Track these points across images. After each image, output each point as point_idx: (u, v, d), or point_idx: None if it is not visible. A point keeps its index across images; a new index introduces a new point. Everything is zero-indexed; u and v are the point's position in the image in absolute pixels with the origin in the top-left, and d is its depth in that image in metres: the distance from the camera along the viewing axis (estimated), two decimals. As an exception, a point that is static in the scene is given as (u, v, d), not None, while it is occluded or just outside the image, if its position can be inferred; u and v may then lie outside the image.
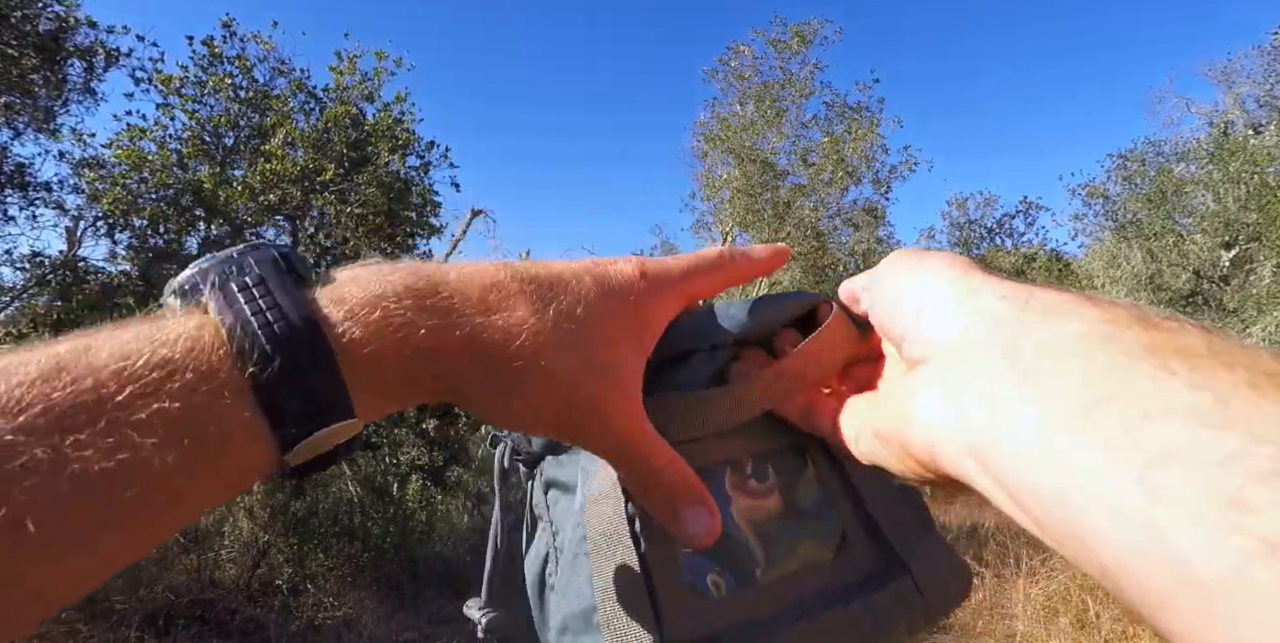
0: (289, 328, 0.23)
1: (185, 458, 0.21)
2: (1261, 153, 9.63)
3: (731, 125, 11.05)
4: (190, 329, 0.23)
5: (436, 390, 0.28)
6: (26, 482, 0.18)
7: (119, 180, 5.47)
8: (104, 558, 0.21)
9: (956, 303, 0.27)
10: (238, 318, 0.23)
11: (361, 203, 6.10)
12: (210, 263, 0.26)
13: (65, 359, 0.21)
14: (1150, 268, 11.20)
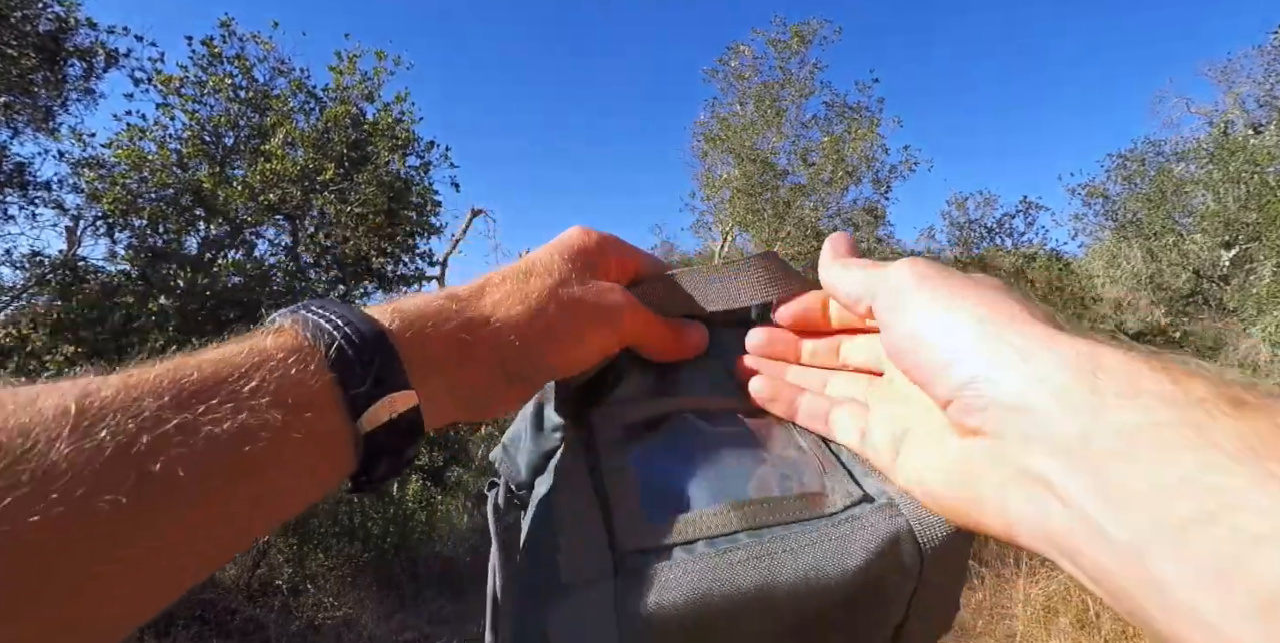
0: (352, 322, 0.30)
1: (285, 416, 0.26)
2: (1261, 153, 9.63)
3: (732, 125, 11.05)
4: (275, 335, 0.29)
5: (477, 359, 0.34)
6: (176, 439, 0.24)
7: (119, 180, 5.47)
8: (238, 512, 0.26)
9: (1007, 369, 0.24)
10: (313, 320, 0.30)
11: (361, 203, 6.10)
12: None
13: (181, 361, 0.27)
14: (1150, 268, 11.20)
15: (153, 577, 0.24)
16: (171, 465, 0.23)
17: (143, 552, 0.23)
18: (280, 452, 0.26)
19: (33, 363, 4.48)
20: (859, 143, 10.50)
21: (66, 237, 5.88)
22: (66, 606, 0.21)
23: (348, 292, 6.52)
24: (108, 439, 0.22)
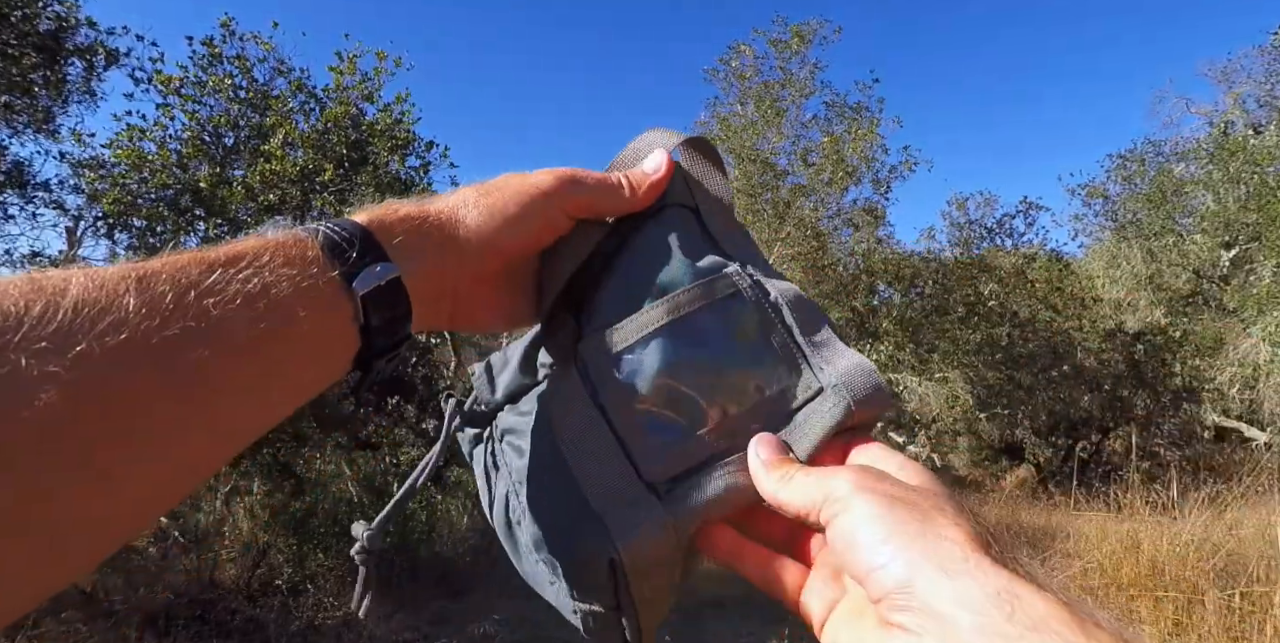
0: (330, 220, 0.36)
1: (295, 274, 0.32)
2: (1261, 153, 9.63)
3: (732, 125, 11.05)
4: (272, 231, 0.35)
5: (430, 237, 0.39)
6: (217, 288, 0.29)
7: (119, 180, 5.47)
8: (273, 368, 0.31)
9: (934, 583, 0.28)
10: (300, 226, 0.36)
11: (362, 203, 6.10)
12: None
13: (203, 249, 0.32)
14: (1150, 268, 11.19)
15: (207, 424, 0.29)
16: (220, 307, 0.29)
17: (203, 393, 0.28)
18: (295, 304, 0.31)
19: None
20: (859, 143, 10.49)
21: (66, 237, 5.89)
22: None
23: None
24: (168, 291, 0.28)
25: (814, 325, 0.42)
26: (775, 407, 0.40)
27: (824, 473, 0.35)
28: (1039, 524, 5.90)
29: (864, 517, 0.31)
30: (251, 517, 5.89)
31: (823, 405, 0.40)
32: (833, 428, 0.39)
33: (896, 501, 0.31)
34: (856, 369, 0.40)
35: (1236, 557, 3.43)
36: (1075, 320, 10.98)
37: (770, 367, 0.41)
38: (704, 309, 0.42)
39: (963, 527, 0.30)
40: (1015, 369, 10.37)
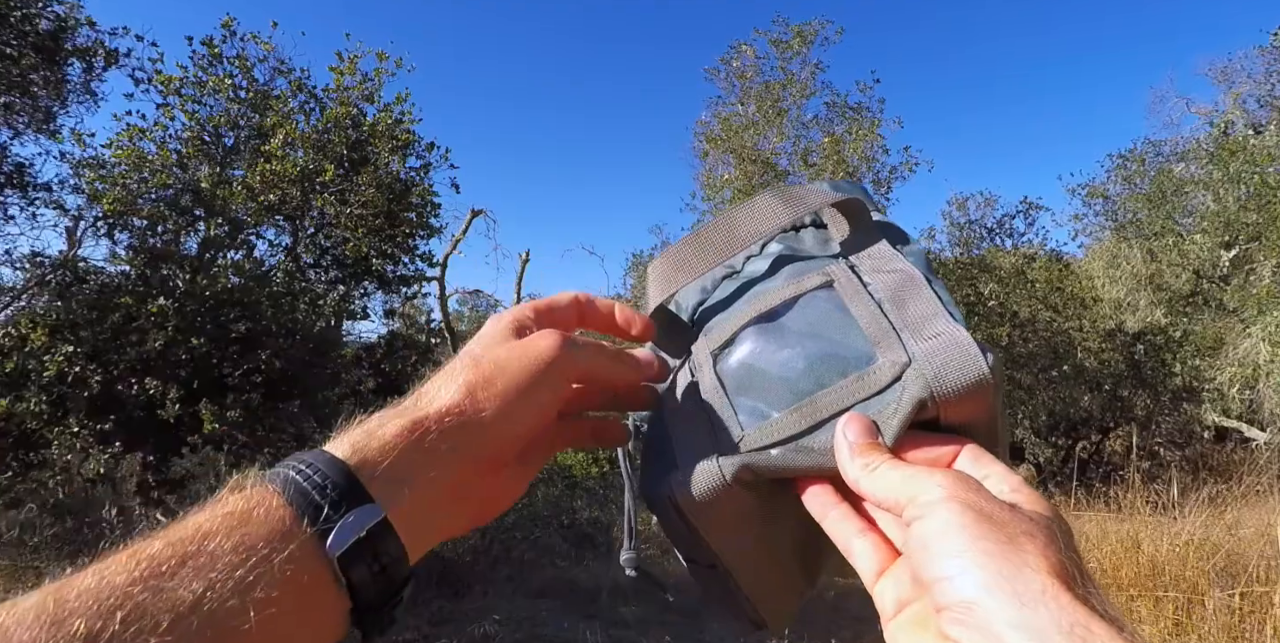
0: (301, 459, 0.32)
1: (246, 557, 0.28)
2: (1261, 153, 9.62)
3: (733, 125, 11.05)
4: (231, 491, 0.31)
5: (428, 451, 0.35)
6: (151, 609, 0.26)
7: (119, 180, 5.47)
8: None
9: (1001, 607, 0.27)
10: (271, 472, 0.32)
11: (361, 204, 6.10)
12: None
13: (148, 538, 0.29)
14: (1150, 268, 11.19)
15: None
16: (145, 638, 0.25)
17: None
18: (265, 588, 0.28)
19: (32, 363, 4.48)
20: (859, 143, 10.49)
21: (66, 237, 5.88)
22: None
23: (347, 292, 6.52)
24: (80, 628, 0.24)
25: (914, 302, 0.39)
26: (859, 389, 0.38)
27: (916, 472, 0.33)
28: (1039, 524, 5.89)
29: (945, 525, 0.30)
30: (251, 517, 5.89)
31: (905, 384, 0.37)
32: (910, 413, 0.35)
33: (984, 517, 0.29)
34: (945, 344, 0.36)
35: (1236, 557, 3.43)
36: (1075, 320, 10.98)
37: (855, 349, 0.39)
38: (790, 302, 0.42)
39: (1050, 558, 0.28)
40: (1015, 369, 10.37)
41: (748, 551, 0.42)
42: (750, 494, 0.40)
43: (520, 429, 0.37)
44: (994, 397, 0.35)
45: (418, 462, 0.34)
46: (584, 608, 4.49)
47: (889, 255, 0.43)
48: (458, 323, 15.51)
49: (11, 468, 4.58)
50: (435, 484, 0.34)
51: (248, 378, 5.01)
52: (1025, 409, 10.73)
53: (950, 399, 0.35)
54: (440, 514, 0.35)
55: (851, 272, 0.42)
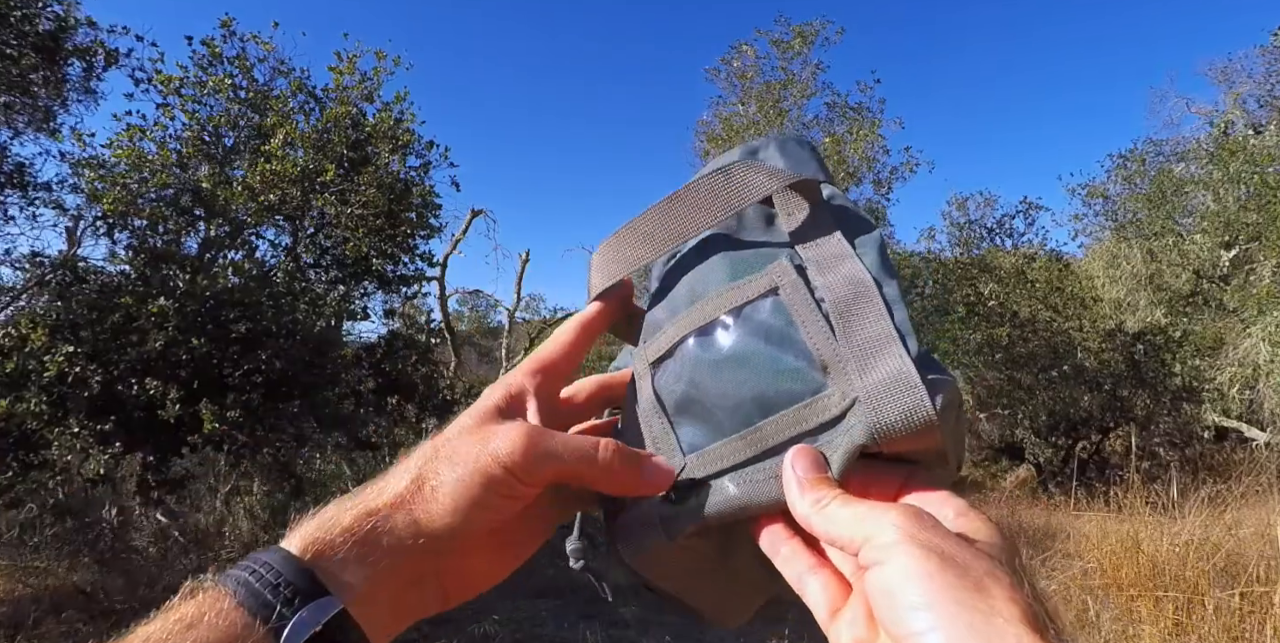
0: (256, 558, 0.32)
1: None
2: (1261, 153, 9.63)
3: (734, 125, 11.05)
4: (187, 597, 0.31)
5: (379, 545, 0.34)
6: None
7: (119, 180, 5.47)
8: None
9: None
10: (229, 574, 0.32)
11: (362, 204, 6.10)
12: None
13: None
14: (1150, 268, 11.19)
15: None
16: None
17: None
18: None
19: (32, 363, 4.48)
20: (860, 143, 10.50)
21: (66, 237, 5.89)
22: None
23: (348, 292, 6.52)
24: None
25: (864, 322, 0.36)
26: (808, 417, 0.36)
27: (868, 509, 0.31)
28: (1039, 524, 5.90)
29: (907, 573, 0.28)
30: (251, 517, 5.89)
31: (850, 422, 0.34)
32: (853, 455, 0.34)
33: (946, 560, 0.28)
34: (890, 384, 0.34)
35: (1236, 557, 3.43)
36: (1075, 320, 10.98)
37: (803, 373, 0.36)
38: (733, 311, 0.39)
39: (1018, 603, 0.27)
40: (1015, 369, 10.37)
41: (704, 585, 0.41)
42: (701, 540, 0.38)
43: (471, 528, 0.35)
44: (942, 432, 0.33)
45: (373, 551, 0.34)
46: (584, 608, 4.49)
47: (840, 252, 0.39)
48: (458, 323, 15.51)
49: (11, 468, 4.58)
50: (395, 572, 0.34)
51: (248, 378, 5.01)
52: (1025, 409, 10.73)
53: (894, 442, 0.34)
54: (405, 600, 0.35)
55: (799, 273, 0.38)
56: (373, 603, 0.33)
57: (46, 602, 4.15)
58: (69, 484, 5.12)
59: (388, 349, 6.41)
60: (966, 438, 0.40)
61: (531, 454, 0.35)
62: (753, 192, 0.41)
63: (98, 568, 4.82)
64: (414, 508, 0.35)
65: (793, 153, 0.44)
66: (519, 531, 0.40)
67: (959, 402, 0.35)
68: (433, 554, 0.35)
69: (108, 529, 5.25)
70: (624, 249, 0.44)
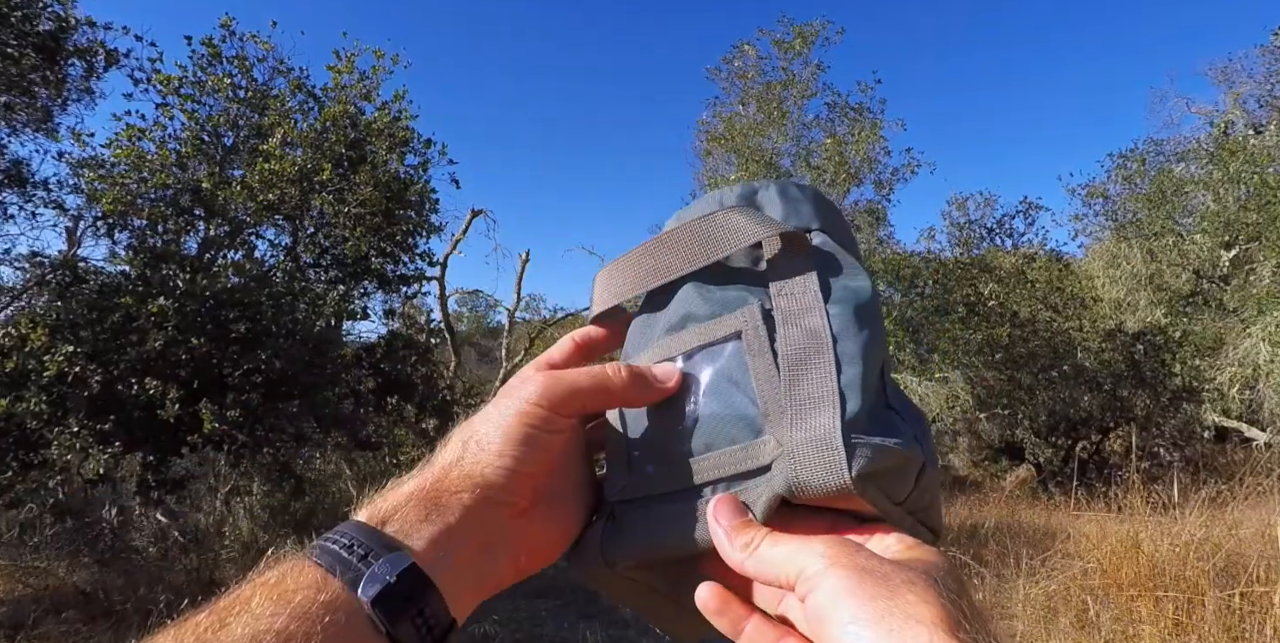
0: (336, 529, 0.35)
1: (288, 612, 0.31)
2: (1261, 153, 9.63)
3: (735, 125, 11.05)
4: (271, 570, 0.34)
5: (445, 505, 0.37)
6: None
7: (118, 180, 5.47)
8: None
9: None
10: (311, 550, 0.35)
11: (360, 202, 6.10)
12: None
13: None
14: (1150, 268, 11.19)
15: None
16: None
17: None
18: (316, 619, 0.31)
19: (32, 363, 4.48)
20: (861, 144, 10.50)
21: (66, 237, 5.88)
22: None
23: (347, 291, 6.52)
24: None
25: (809, 378, 0.37)
26: (741, 461, 0.37)
27: (797, 545, 0.33)
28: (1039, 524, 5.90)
29: (835, 592, 0.30)
30: (251, 517, 5.89)
31: (774, 472, 0.36)
32: (774, 501, 0.35)
33: (866, 574, 0.30)
34: (811, 442, 0.35)
35: (1236, 557, 3.43)
36: (1075, 320, 10.98)
37: (747, 418, 0.38)
38: (697, 349, 0.41)
39: (932, 604, 0.28)
40: (1015, 369, 10.37)
41: (654, 609, 0.43)
42: (647, 573, 0.40)
43: (523, 469, 0.38)
44: (867, 496, 0.34)
45: (436, 511, 0.36)
46: (584, 608, 4.49)
47: (808, 304, 0.39)
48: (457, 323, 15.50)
49: (11, 468, 4.58)
50: (463, 534, 0.36)
51: (247, 378, 5.01)
52: (1025, 409, 10.74)
53: (812, 500, 0.34)
54: (477, 565, 0.37)
55: (765, 319, 0.39)
56: (446, 567, 0.35)
57: (46, 602, 4.15)
58: (69, 484, 5.12)
59: (388, 349, 6.41)
60: (942, 487, 0.41)
61: (557, 388, 0.39)
62: (737, 240, 0.42)
63: (98, 568, 4.82)
64: (465, 463, 0.38)
65: (791, 197, 0.45)
66: (568, 494, 0.42)
67: (910, 468, 0.35)
68: (493, 508, 0.37)
69: (108, 529, 5.25)
70: (614, 281, 0.46)
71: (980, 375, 10.38)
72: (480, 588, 0.37)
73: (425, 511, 0.36)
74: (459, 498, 0.37)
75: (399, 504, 0.36)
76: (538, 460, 0.39)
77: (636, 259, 0.45)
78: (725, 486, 0.38)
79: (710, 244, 0.42)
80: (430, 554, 0.34)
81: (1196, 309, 10.86)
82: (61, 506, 5.29)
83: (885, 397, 0.38)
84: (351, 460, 6.85)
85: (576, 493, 0.43)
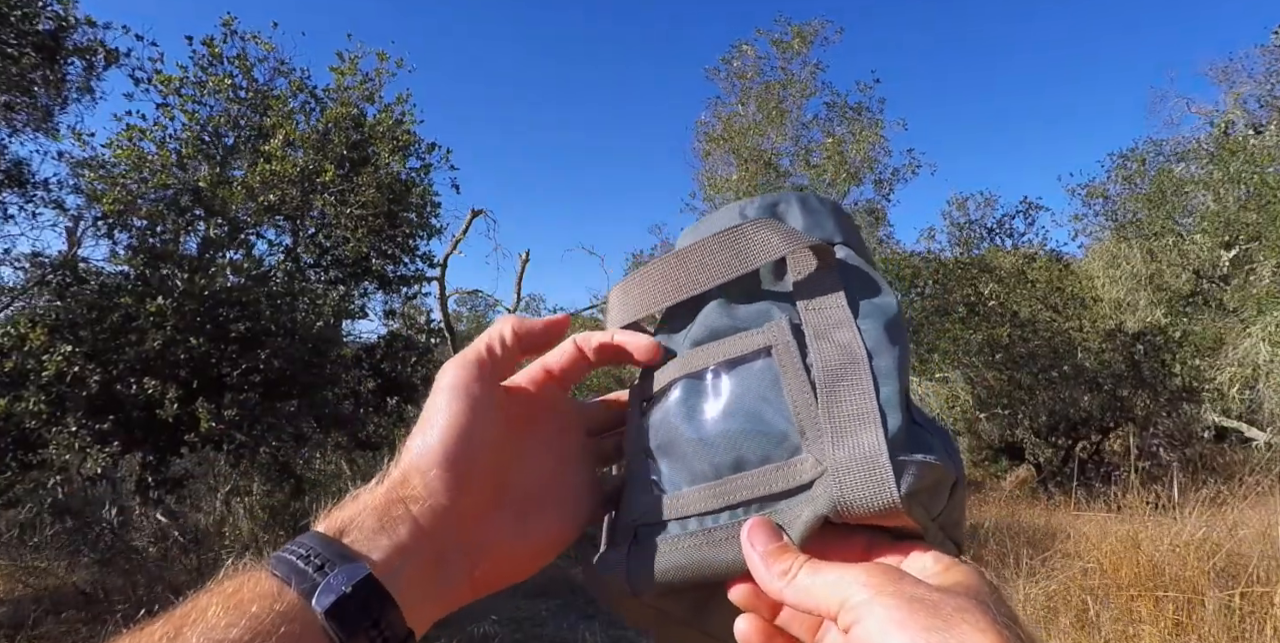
0: (296, 539, 0.34)
1: (254, 605, 0.31)
2: (1261, 153, 9.63)
3: (734, 125, 11.06)
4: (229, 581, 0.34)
5: (407, 517, 0.36)
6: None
7: (118, 180, 5.47)
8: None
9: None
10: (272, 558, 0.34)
11: (361, 204, 6.10)
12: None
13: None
14: (1150, 268, 11.19)
15: None
16: None
17: None
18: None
19: (31, 362, 4.48)
20: (861, 144, 10.50)
21: (67, 237, 5.88)
22: None
23: (347, 291, 6.52)
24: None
25: (848, 396, 0.36)
26: (778, 480, 0.36)
27: (837, 574, 0.32)
28: (1039, 524, 5.90)
29: (883, 625, 0.28)
30: (251, 517, 5.89)
31: (816, 492, 0.35)
32: (816, 522, 0.34)
33: (915, 602, 0.29)
34: (858, 462, 0.34)
35: (1236, 557, 3.43)
36: (1075, 320, 10.98)
37: (782, 436, 0.37)
38: (726, 364, 0.40)
39: (988, 633, 0.27)
40: (1015, 369, 10.37)
41: (674, 635, 0.42)
42: (671, 600, 0.39)
43: (462, 424, 0.37)
44: (911, 514, 0.33)
45: (388, 523, 0.35)
46: (584, 608, 4.49)
47: (839, 318, 0.39)
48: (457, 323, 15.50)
49: (10, 468, 4.58)
50: (412, 543, 0.35)
51: (246, 377, 5.01)
52: (1025, 409, 10.74)
53: (857, 518, 0.34)
54: (431, 572, 0.36)
55: (795, 334, 0.39)
56: (403, 578, 0.34)
57: (46, 602, 4.15)
58: (69, 484, 5.12)
59: (388, 350, 6.41)
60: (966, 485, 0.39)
61: (462, 356, 0.40)
62: (765, 253, 0.41)
63: (98, 568, 4.82)
64: (408, 447, 0.38)
65: (813, 210, 0.44)
66: (546, 503, 0.41)
67: (946, 482, 0.35)
68: (444, 516, 0.36)
69: (108, 529, 5.25)
70: (633, 295, 0.45)
71: (980, 375, 10.38)
72: (440, 600, 0.37)
73: (380, 520, 0.35)
74: (408, 509, 0.36)
75: (355, 514, 0.35)
76: (467, 426, 0.38)
77: (658, 273, 0.44)
78: (758, 506, 0.36)
79: (737, 258, 0.41)
80: (387, 565, 0.34)
81: (1196, 309, 10.86)
82: (61, 505, 5.29)
83: (911, 413, 0.37)
84: (352, 460, 6.85)
85: (556, 501, 0.41)
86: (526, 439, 0.41)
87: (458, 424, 0.38)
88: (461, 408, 0.38)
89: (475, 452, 0.38)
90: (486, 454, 0.38)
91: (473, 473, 0.38)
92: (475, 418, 0.38)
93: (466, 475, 0.37)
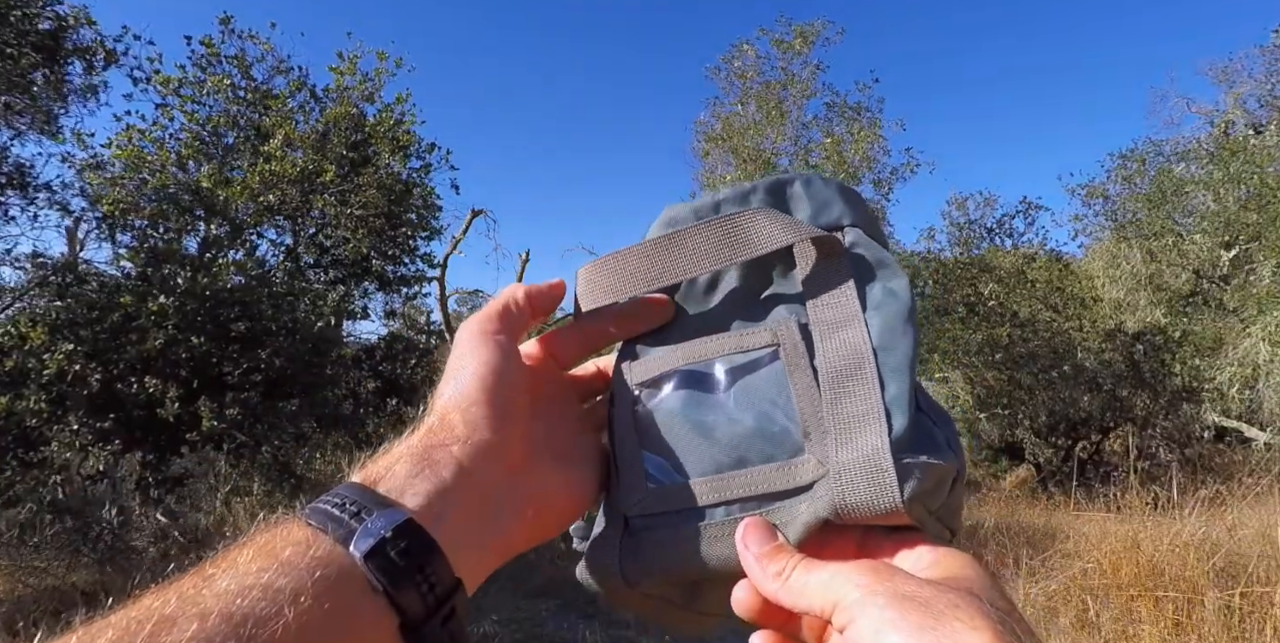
0: (333, 489, 0.33)
1: (287, 551, 0.30)
2: (1262, 153, 9.63)
3: (733, 125, 11.06)
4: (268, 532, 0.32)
5: (441, 445, 0.35)
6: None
7: (118, 181, 5.47)
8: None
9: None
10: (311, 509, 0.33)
11: (362, 204, 6.10)
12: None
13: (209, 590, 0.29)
14: (1150, 268, 11.19)
15: None
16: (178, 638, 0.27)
17: None
18: (294, 602, 0.28)
19: (32, 361, 4.48)
20: (860, 143, 10.50)
21: (68, 239, 5.89)
22: None
23: (348, 291, 6.52)
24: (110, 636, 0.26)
25: (852, 396, 0.36)
26: (779, 480, 0.36)
27: (830, 573, 0.31)
28: (1039, 524, 5.90)
29: (875, 626, 0.28)
30: (251, 517, 5.89)
31: (818, 493, 0.34)
32: (815, 524, 0.34)
33: (907, 601, 0.28)
34: (861, 464, 0.33)
35: (1236, 557, 3.43)
36: (1075, 320, 10.98)
37: (785, 435, 0.36)
38: (728, 359, 0.39)
39: (982, 630, 0.27)
40: (1015, 369, 10.37)
41: (666, 617, 0.42)
42: (664, 588, 0.39)
43: (496, 409, 0.36)
44: (912, 515, 0.33)
45: (427, 468, 0.34)
46: (584, 608, 4.49)
47: (847, 314, 0.38)
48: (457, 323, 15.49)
49: (11, 467, 4.58)
50: (454, 486, 0.34)
51: (247, 377, 5.01)
52: (1025, 409, 10.73)
53: (858, 520, 0.33)
54: (475, 517, 0.35)
55: (802, 332, 0.38)
56: (445, 523, 0.33)
57: (46, 602, 4.15)
58: (69, 483, 5.12)
59: (388, 351, 6.41)
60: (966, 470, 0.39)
61: (488, 317, 0.40)
62: (765, 244, 0.39)
63: (98, 568, 4.82)
64: (440, 394, 0.37)
65: (818, 192, 0.42)
66: (570, 454, 0.41)
67: (948, 478, 0.35)
68: (486, 460, 0.35)
69: (108, 529, 5.24)
70: (610, 277, 0.42)
71: (980, 375, 10.38)
72: (488, 547, 0.35)
73: (417, 466, 0.34)
74: (449, 451, 0.35)
75: (393, 462, 0.34)
76: (512, 376, 0.37)
77: (643, 255, 0.41)
78: (756, 504, 0.36)
79: (733, 246, 0.40)
80: (429, 510, 0.32)
81: (1196, 309, 10.86)
82: (61, 505, 5.29)
83: (916, 401, 0.37)
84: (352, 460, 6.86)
85: (583, 457, 0.41)
86: (542, 399, 0.41)
87: (491, 362, 0.37)
88: (492, 349, 0.38)
89: (510, 391, 0.37)
90: (520, 395, 0.38)
91: (512, 409, 0.37)
92: (506, 359, 0.38)
93: (508, 408, 0.37)
